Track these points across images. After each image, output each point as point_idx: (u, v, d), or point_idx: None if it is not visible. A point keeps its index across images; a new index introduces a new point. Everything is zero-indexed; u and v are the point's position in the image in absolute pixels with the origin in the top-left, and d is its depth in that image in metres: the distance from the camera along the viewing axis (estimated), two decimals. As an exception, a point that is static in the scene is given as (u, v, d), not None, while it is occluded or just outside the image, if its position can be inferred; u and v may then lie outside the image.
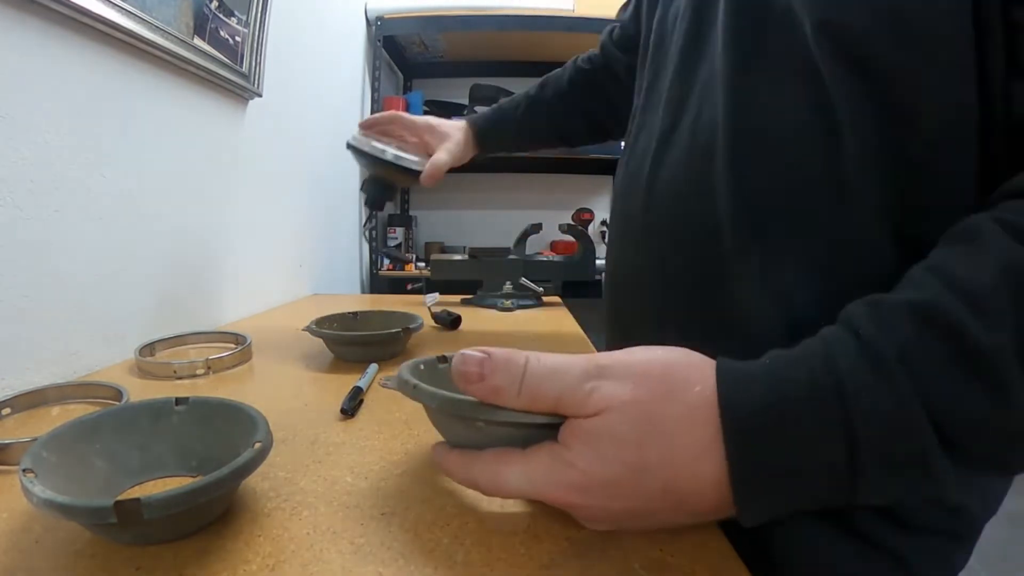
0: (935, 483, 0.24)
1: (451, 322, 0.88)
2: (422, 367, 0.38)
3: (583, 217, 2.29)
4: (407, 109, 2.05)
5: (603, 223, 2.43)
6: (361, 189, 0.78)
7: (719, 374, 0.26)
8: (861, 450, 0.23)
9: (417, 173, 0.74)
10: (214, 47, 0.86)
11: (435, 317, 0.90)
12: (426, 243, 2.32)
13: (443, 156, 0.77)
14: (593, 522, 0.29)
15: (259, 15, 0.98)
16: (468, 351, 0.28)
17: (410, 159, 0.75)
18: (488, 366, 0.27)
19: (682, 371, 0.27)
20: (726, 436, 0.25)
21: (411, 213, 2.37)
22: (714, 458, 0.25)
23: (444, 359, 0.40)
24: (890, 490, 0.24)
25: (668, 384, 0.26)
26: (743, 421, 0.25)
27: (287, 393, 0.55)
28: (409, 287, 1.97)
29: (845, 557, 0.37)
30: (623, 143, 0.58)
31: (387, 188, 0.76)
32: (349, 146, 0.74)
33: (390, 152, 0.73)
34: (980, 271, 0.24)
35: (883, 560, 0.36)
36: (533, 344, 0.78)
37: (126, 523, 0.25)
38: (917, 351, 0.23)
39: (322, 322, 0.71)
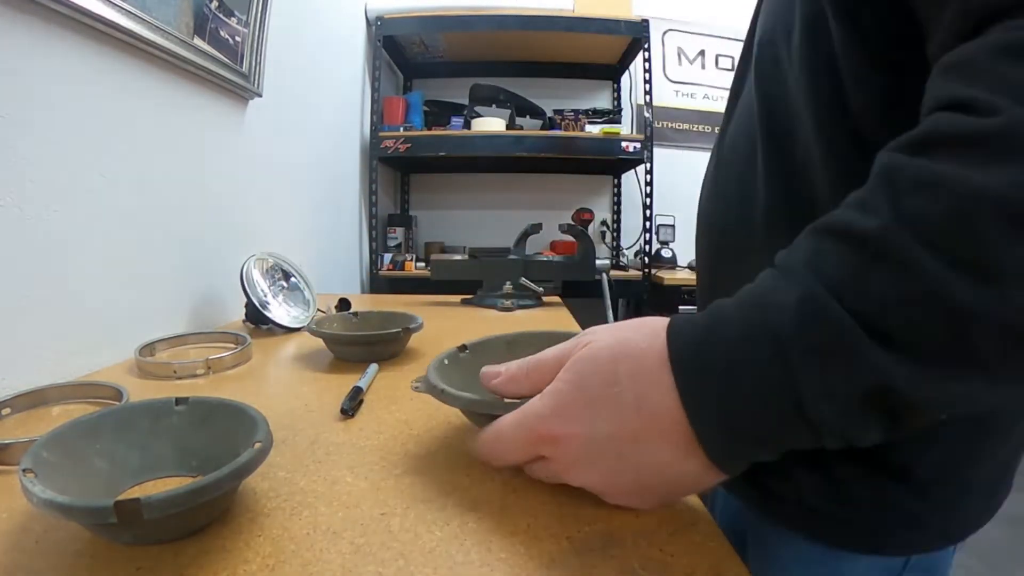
0: (876, 372, 0.24)
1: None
2: (446, 361, 0.43)
3: (583, 217, 2.29)
4: (407, 109, 2.05)
5: (603, 223, 2.43)
6: None
7: (672, 316, 0.30)
8: (786, 345, 0.25)
9: None
10: (214, 47, 0.86)
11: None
12: (426, 243, 2.32)
13: None
14: (580, 464, 0.30)
15: (259, 15, 0.98)
16: (488, 368, 0.35)
17: None
18: (504, 367, 0.34)
19: (654, 320, 0.31)
20: (671, 353, 0.28)
21: (411, 213, 2.38)
22: (670, 375, 0.28)
23: (464, 348, 0.46)
24: (833, 384, 0.25)
25: (643, 324, 0.31)
26: (681, 339, 0.28)
27: (287, 393, 0.55)
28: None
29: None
30: None
31: None
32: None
33: None
34: (864, 188, 0.27)
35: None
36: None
37: (126, 523, 0.25)
38: (817, 255, 0.26)
39: (322, 322, 0.71)
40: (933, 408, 0.25)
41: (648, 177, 2.01)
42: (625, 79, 2.38)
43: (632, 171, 2.27)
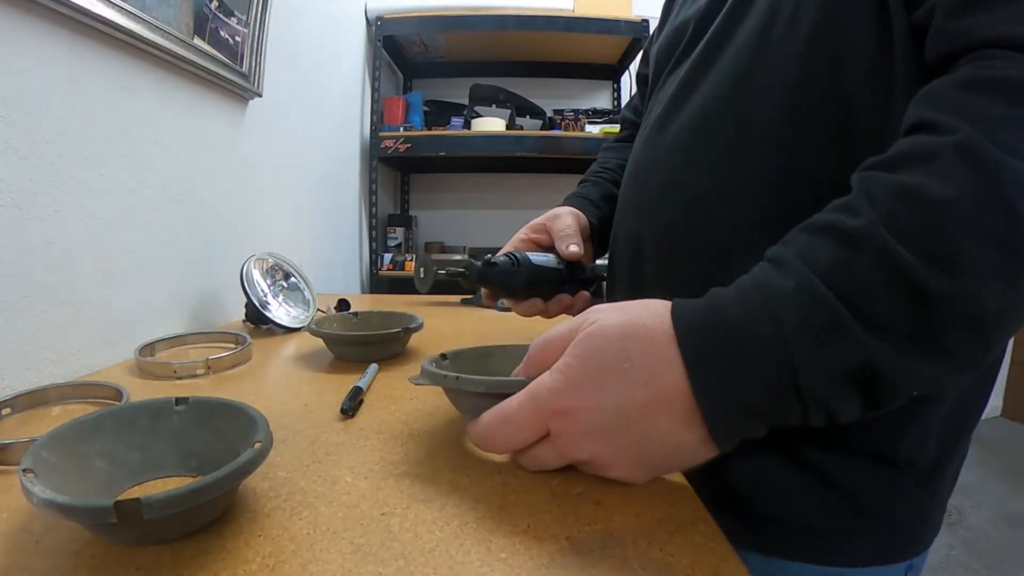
0: (862, 350, 0.27)
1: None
2: (433, 364, 0.43)
3: (583, 217, 2.28)
4: (407, 109, 2.05)
5: (603, 223, 2.43)
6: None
7: (675, 299, 0.32)
8: (785, 326, 0.28)
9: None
10: (214, 47, 0.86)
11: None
12: (426, 243, 2.32)
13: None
14: (587, 437, 0.31)
15: (259, 15, 0.98)
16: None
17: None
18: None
19: (657, 301, 0.33)
20: (676, 331, 0.30)
21: (411, 213, 2.38)
22: (677, 351, 0.30)
23: (445, 356, 0.46)
24: (826, 360, 0.28)
25: (648, 304, 0.32)
26: (687, 320, 0.30)
27: (287, 393, 0.55)
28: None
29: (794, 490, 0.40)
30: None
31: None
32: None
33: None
34: (844, 198, 0.31)
35: (821, 485, 0.39)
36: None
37: (126, 523, 0.25)
38: (809, 248, 0.30)
39: (322, 322, 0.71)
40: (905, 385, 0.28)
41: (648, 177, 2.01)
42: (625, 79, 2.38)
43: (632, 171, 2.26)
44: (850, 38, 0.37)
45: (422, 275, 0.56)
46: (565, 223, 0.60)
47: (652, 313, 0.31)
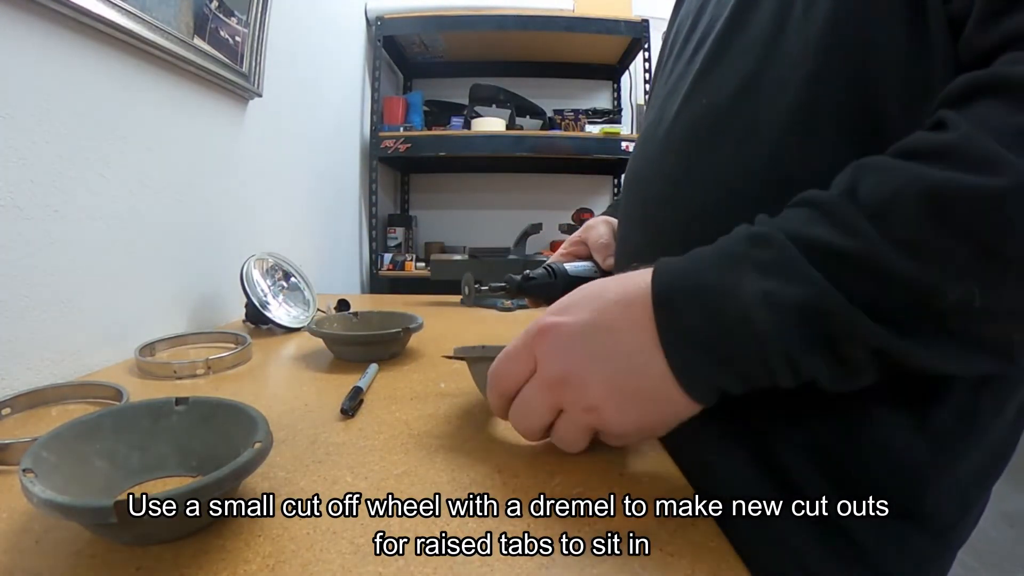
0: (811, 284, 0.27)
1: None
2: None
3: (583, 217, 2.28)
4: (407, 109, 2.05)
5: (603, 223, 2.43)
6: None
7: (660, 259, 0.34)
8: (737, 259, 0.30)
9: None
10: (214, 47, 0.86)
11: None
12: (426, 243, 2.32)
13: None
14: (563, 350, 0.33)
15: (259, 15, 0.98)
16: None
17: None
18: None
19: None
20: (654, 270, 0.32)
21: (411, 213, 2.38)
22: (648, 284, 0.32)
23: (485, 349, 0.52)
24: (771, 290, 0.28)
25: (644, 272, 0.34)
26: (667, 262, 0.32)
27: (287, 393, 0.55)
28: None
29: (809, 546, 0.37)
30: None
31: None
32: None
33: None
34: (844, 172, 0.30)
35: (846, 548, 0.36)
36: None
37: (126, 523, 0.25)
38: (782, 215, 0.31)
39: (322, 322, 0.71)
40: (868, 340, 0.27)
41: (648, 177, 2.01)
42: (625, 79, 2.38)
43: (632, 171, 2.26)
44: (876, 28, 0.33)
45: (466, 292, 0.65)
46: (599, 233, 0.63)
47: (640, 272, 0.34)
